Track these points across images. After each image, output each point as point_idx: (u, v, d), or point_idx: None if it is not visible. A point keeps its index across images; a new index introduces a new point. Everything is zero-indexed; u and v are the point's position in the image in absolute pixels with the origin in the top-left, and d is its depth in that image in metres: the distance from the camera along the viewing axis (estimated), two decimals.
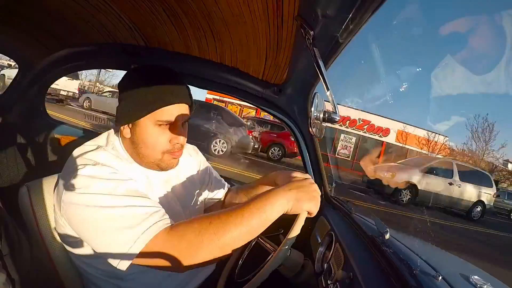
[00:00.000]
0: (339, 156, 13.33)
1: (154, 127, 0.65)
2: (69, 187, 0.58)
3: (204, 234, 0.52)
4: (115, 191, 0.57)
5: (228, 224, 0.53)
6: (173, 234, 0.54)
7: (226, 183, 0.97)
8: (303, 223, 0.59)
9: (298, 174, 0.68)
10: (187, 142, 0.75)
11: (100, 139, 0.70)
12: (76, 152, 0.66)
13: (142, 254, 0.52)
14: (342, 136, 13.54)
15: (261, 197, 0.57)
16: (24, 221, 0.69)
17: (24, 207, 0.69)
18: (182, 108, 0.68)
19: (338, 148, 13.37)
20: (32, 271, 0.62)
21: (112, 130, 0.74)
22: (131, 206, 0.56)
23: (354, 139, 13.44)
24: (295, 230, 0.58)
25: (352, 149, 13.44)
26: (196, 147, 0.92)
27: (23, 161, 1.31)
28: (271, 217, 0.55)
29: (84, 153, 0.64)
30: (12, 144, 1.28)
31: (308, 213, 0.59)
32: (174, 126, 0.67)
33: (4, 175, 1.23)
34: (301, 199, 0.58)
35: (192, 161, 0.87)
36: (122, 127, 0.68)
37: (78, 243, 0.63)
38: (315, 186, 0.62)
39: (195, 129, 6.53)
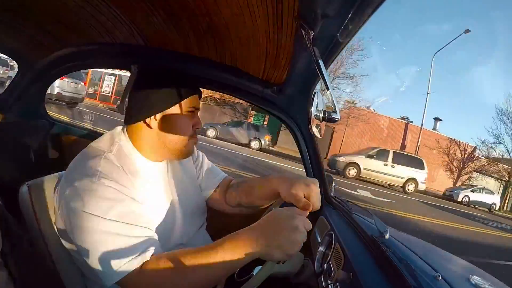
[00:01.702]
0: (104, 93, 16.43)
1: (184, 113, 0.72)
2: (67, 199, 0.59)
3: (169, 281, 0.56)
4: (106, 214, 0.57)
5: (192, 273, 0.55)
6: (145, 275, 0.56)
7: (221, 172, 0.95)
8: (270, 273, 0.55)
9: (301, 187, 0.66)
10: None
11: (103, 142, 0.70)
12: (81, 154, 0.67)
13: (119, 283, 0.56)
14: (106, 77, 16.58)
15: (230, 243, 0.55)
16: (24, 220, 0.69)
17: (24, 206, 0.69)
18: (198, 98, 0.76)
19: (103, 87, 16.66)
20: (33, 270, 0.62)
21: (115, 130, 0.74)
22: (118, 235, 0.57)
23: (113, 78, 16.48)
24: (258, 278, 0.55)
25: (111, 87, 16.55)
26: None
27: (23, 160, 1.32)
28: (239, 265, 0.55)
29: (87, 159, 0.64)
30: (12, 143, 1.28)
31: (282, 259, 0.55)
32: (195, 113, 0.75)
33: (4, 174, 1.23)
34: (278, 249, 0.53)
35: None
36: (148, 120, 0.70)
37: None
38: (301, 233, 0.54)
39: None
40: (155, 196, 0.71)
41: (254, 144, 12.50)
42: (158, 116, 0.70)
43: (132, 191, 0.64)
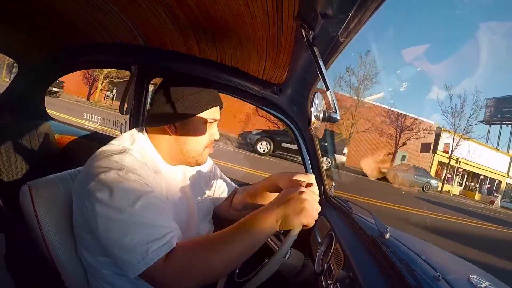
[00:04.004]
0: None
1: (203, 124, 0.74)
2: (92, 190, 0.58)
3: (197, 261, 0.55)
4: (134, 205, 0.57)
5: (219, 251, 0.55)
6: (171, 260, 0.56)
7: (231, 183, 0.97)
8: (295, 238, 0.57)
9: (300, 176, 0.68)
10: None
11: (124, 140, 0.71)
12: (101, 151, 0.67)
13: (145, 272, 0.55)
14: None
15: (249, 219, 0.57)
16: (25, 220, 0.69)
17: (25, 206, 0.69)
18: (219, 110, 0.78)
19: None
20: (34, 271, 0.62)
21: (135, 130, 0.76)
22: (146, 224, 0.57)
23: None
24: (286, 245, 0.57)
25: None
26: None
27: (23, 161, 1.31)
28: (261, 239, 0.57)
29: (110, 154, 0.64)
30: (12, 143, 1.28)
31: (304, 225, 0.57)
32: (214, 124, 0.78)
33: (4, 175, 1.23)
34: (292, 215, 0.56)
35: None
36: (168, 126, 0.72)
37: (96, 242, 0.63)
38: (308, 194, 0.58)
39: None
40: (173, 197, 0.73)
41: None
42: (178, 123, 0.72)
43: (156, 187, 0.65)
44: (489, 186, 22.24)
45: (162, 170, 0.72)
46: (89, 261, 0.67)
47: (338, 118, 0.65)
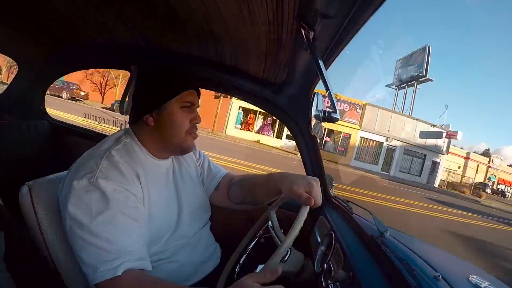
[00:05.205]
0: None
1: (179, 109, 0.74)
2: (65, 198, 0.61)
3: None
4: (94, 220, 0.58)
5: None
6: (115, 285, 0.57)
7: (222, 170, 0.96)
8: (295, 238, 0.56)
9: (303, 185, 0.66)
10: None
11: (109, 142, 0.72)
12: (82, 157, 0.69)
13: (97, 286, 0.58)
14: None
15: None
16: (25, 220, 0.69)
17: (25, 206, 0.69)
18: (196, 94, 0.78)
19: None
20: (34, 271, 0.62)
21: (121, 131, 0.77)
22: (99, 245, 0.58)
23: None
24: (286, 246, 0.56)
25: None
26: None
27: (23, 161, 1.31)
28: None
29: (91, 158, 0.66)
30: (12, 143, 1.28)
31: None
32: (192, 109, 0.77)
33: (4, 175, 1.23)
34: None
35: (191, 153, 0.89)
36: (146, 117, 0.72)
37: None
38: None
39: None
40: (160, 192, 0.73)
41: None
42: (155, 113, 0.72)
43: (133, 187, 0.65)
44: (327, 139, 17.92)
45: (148, 165, 0.73)
46: None
47: (338, 118, 0.65)
